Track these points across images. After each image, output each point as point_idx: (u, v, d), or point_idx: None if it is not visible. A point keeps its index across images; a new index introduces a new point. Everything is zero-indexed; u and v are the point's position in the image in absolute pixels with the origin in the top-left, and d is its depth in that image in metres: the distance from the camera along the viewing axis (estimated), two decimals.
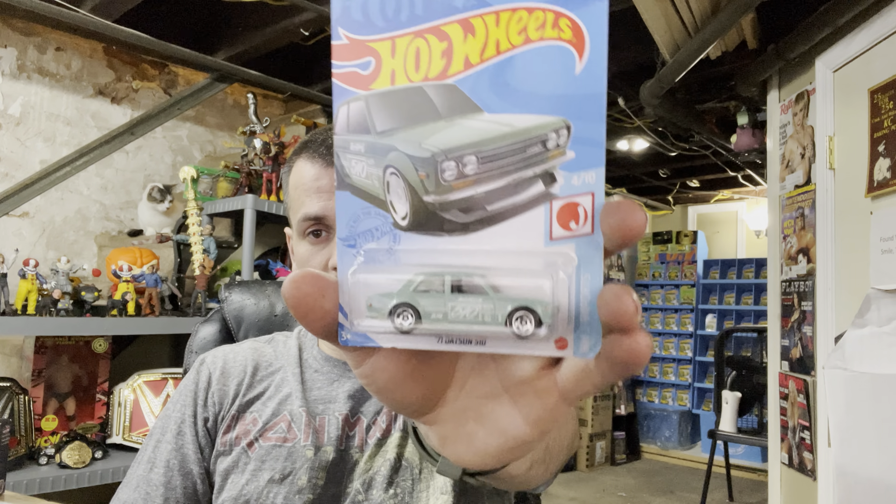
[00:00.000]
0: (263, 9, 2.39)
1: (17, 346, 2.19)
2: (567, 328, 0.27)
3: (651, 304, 5.78)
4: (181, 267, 2.51)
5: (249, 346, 0.90)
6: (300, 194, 0.79)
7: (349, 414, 0.80)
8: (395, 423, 0.79)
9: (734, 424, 3.69)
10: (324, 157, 0.78)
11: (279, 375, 0.84)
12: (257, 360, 0.87)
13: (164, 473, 0.79)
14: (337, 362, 0.85)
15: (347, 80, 0.29)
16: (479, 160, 0.28)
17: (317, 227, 0.77)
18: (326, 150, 0.78)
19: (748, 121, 2.93)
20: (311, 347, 0.88)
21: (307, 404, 0.80)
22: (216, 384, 0.84)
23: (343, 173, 0.29)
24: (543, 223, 0.27)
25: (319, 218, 0.76)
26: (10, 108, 2.31)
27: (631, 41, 2.69)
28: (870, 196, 1.85)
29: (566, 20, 0.26)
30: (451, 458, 0.34)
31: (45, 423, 1.96)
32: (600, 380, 0.28)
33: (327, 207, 0.76)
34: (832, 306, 2.03)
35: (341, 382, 0.83)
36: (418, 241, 0.28)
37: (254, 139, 2.40)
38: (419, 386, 0.32)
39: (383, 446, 0.77)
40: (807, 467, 2.16)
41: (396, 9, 0.28)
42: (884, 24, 1.82)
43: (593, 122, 0.27)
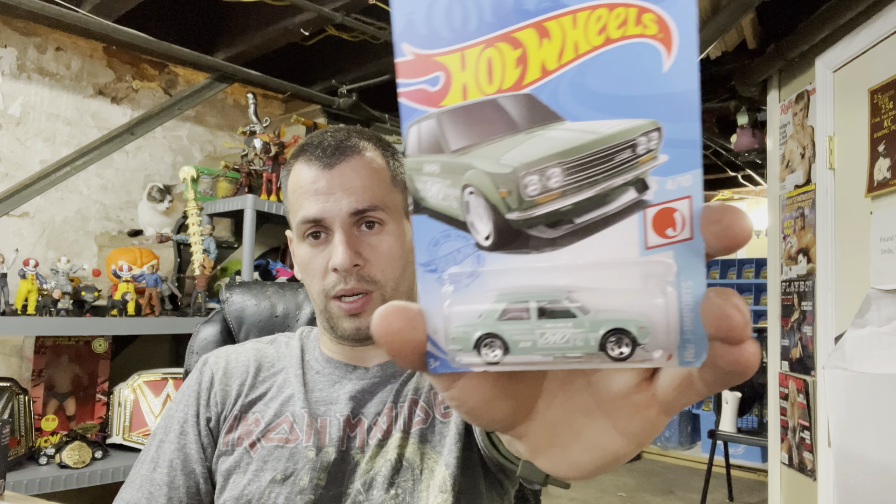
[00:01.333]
0: (263, 9, 2.39)
1: (17, 346, 2.19)
2: (669, 340, 0.26)
3: None
4: (181, 267, 2.51)
5: (252, 346, 0.90)
6: (298, 197, 0.79)
7: (350, 415, 0.80)
8: (395, 424, 0.79)
9: (734, 424, 3.69)
10: (320, 159, 0.78)
11: (281, 376, 0.85)
12: (260, 360, 0.87)
13: (168, 473, 0.79)
14: (338, 364, 0.85)
15: (416, 99, 0.27)
16: (563, 172, 0.26)
17: (315, 230, 0.78)
18: (323, 153, 0.79)
19: (748, 121, 2.93)
20: (313, 349, 0.88)
21: (309, 405, 0.80)
22: (219, 384, 0.84)
23: (418, 197, 0.28)
24: (638, 232, 0.26)
25: (317, 220, 0.77)
26: (10, 108, 2.31)
27: None
28: (870, 196, 1.85)
29: (651, 15, 0.25)
30: (546, 469, 0.32)
31: (45, 423, 1.96)
32: (704, 389, 0.27)
33: (325, 210, 0.77)
34: (832, 306, 2.03)
35: (342, 384, 0.83)
36: (504, 261, 0.27)
37: (254, 139, 2.40)
38: (508, 403, 0.31)
39: (384, 447, 0.78)
40: (807, 467, 2.17)
41: (464, 18, 0.27)
42: (884, 24, 1.82)
43: (687, 122, 0.25)
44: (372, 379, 0.83)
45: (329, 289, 0.78)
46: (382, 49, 2.76)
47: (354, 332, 0.79)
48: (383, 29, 2.48)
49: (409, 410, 0.80)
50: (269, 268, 2.47)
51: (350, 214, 0.76)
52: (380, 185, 0.79)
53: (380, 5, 2.22)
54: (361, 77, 2.93)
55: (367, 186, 0.77)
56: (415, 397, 0.81)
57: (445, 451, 0.76)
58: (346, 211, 0.76)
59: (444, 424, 0.79)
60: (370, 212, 0.77)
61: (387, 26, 2.48)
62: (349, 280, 0.76)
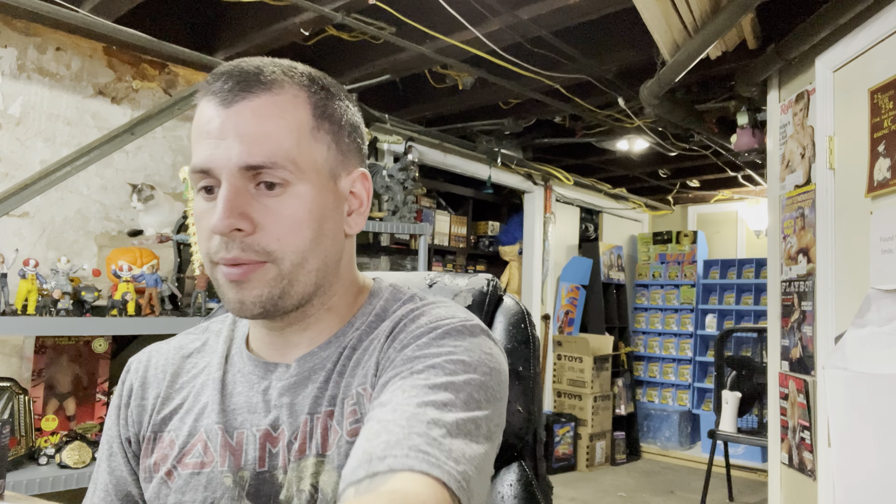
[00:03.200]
0: (263, 9, 2.39)
1: (17, 346, 2.19)
2: None
3: (651, 304, 5.78)
4: (181, 267, 2.51)
5: (177, 342, 0.77)
6: (193, 140, 0.64)
7: (270, 428, 0.66)
8: (309, 442, 0.64)
9: (734, 424, 3.69)
10: (219, 93, 0.62)
11: (200, 379, 0.72)
12: (179, 363, 0.74)
13: (104, 499, 0.72)
14: (259, 362, 0.70)
15: None
16: None
17: (206, 182, 0.63)
18: (224, 85, 0.62)
19: (748, 121, 2.93)
20: (240, 342, 0.74)
21: (224, 417, 0.67)
22: (135, 399, 0.73)
23: None
24: None
25: (205, 170, 0.62)
26: (10, 108, 2.31)
27: (631, 41, 2.69)
28: (870, 196, 1.85)
29: None
30: None
31: (45, 423, 1.96)
32: None
33: (212, 158, 0.61)
34: (832, 306, 2.03)
35: (262, 385, 0.68)
36: None
37: None
38: None
39: (297, 471, 0.63)
40: (807, 467, 2.16)
41: None
42: (884, 24, 1.82)
43: None
44: (292, 378, 0.67)
45: (212, 252, 0.63)
46: (382, 49, 2.76)
47: (238, 305, 0.63)
48: (383, 29, 2.48)
49: (324, 426, 0.64)
50: None
51: (240, 168, 0.60)
52: (289, 132, 0.62)
53: (380, 5, 2.22)
54: (361, 77, 2.93)
55: (268, 134, 0.61)
56: (330, 408, 0.64)
57: None
58: (235, 163, 0.60)
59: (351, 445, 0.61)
60: (267, 168, 0.60)
61: (387, 26, 2.48)
62: (231, 247, 0.61)
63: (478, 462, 0.53)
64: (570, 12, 2.28)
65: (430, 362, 0.59)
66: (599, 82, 2.97)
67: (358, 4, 2.26)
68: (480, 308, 1.02)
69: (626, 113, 3.26)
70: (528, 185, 4.80)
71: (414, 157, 3.59)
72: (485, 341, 0.64)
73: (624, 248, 5.87)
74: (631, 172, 5.07)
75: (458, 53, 2.64)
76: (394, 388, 0.58)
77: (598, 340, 4.96)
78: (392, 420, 0.53)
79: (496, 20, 2.34)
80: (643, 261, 5.92)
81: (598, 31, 2.71)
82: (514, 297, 1.05)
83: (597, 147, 4.25)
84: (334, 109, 0.67)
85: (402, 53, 2.70)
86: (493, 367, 0.62)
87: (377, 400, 0.58)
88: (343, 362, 0.67)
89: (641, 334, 5.79)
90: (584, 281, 5.29)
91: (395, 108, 3.51)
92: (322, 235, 0.65)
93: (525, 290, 5.01)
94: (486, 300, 1.01)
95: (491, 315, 1.05)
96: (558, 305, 5.08)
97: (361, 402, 0.63)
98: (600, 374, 4.86)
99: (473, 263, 5.29)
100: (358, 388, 0.64)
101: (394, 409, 0.54)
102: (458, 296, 1.03)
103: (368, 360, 0.65)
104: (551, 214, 4.98)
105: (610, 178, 5.38)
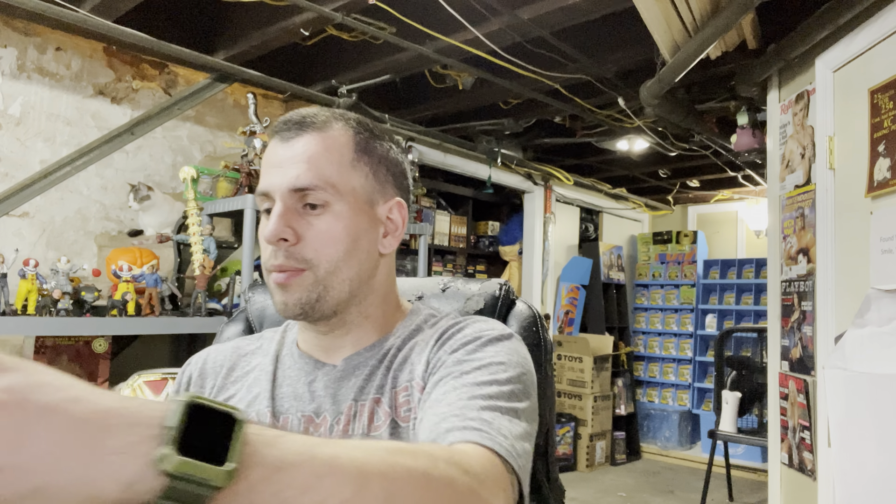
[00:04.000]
0: (263, 9, 2.39)
1: (17, 346, 2.19)
2: None
3: (651, 304, 5.78)
4: (181, 267, 2.51)
5: (234, 344, 0.88)
6: (262, 170, 0.79)
7: (313, 414, 0.76)
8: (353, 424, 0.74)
9: (734, 424, 3.69)
10: (281, 132, 0.77)
11: (253, 374, 0.83)
12: (235, 360, 0.85)
13: None
14: (309, 359, 0.81)
15: None
16: None
17: (267, 204, 0.76)
18: (284, 126, 0.77)
19: (748, 121, 2.93)
20: (291, 343, 0.85)
21: (273, 403, 0.78)
22: (193, 387, 0.83)
23: None
24: None
25: (265, 193, 0.76)
26: (10, 108, 2.31)
27: (631, 41, 2.69)
28: (870, 196, 1.85)
29: None
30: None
31: None
32: None
33: (271, 183, 0.75)
34: (832, 306, 2.03)
35: (309, 378, 0.79)
36: None
37: (254, 139, 2.40)
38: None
39: None
40: (807, 467, 2.16)
41: None
42: (884, 24, 1.82)
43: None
44: (337, 374, 0.79)
45: (266, 261, 0.76)
46: (382, 49, 2.76)
47: (282, 307, 0.75)
48: (383, 29, 2.48)
49: (371, 411, 0.75)
50: None
51: (289, 190, 0.74)
52: (330, 162, 0.75)
53: (380, 5, 2.22)
54: (361, 77, 2.93)
55: (314, 163, 0.74)
56: (377, 396, 0.76)
57: None
58: (286, 186, 0.74)
59: (406, 429, 0.73)
60: (310, 190, 0.73)
61: (387, 26, 2.48)
62: (278, 255, 0.74)
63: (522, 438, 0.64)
64: (570, 12, 2.28)
65: (476, 364, 0.70)
66: (599, 82, 2.97)
67: (358, 4, 2.26)
68: (493, 312, 1.02)
69: (626, 113, 3.26)
70: (528, 185, 4.80)
71: (414, 157, 3.58)
72: (520, 346, 0.76)
73: (624, 248, 5.87)
74: (631, 172, 5.07)
75: (458, 53, 2.64)
76: (447, 386, 0.68)
77: (598, 340, 4.95)
78: (449, 412, 0.64)
79: (496, 20, 2.34)
80: (643, 261, 5.92)
81: (598, 31, 2.71)
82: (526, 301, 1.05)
83: (597, 147, 4.25)
84: (374, 147, 0.79)
85: (402, 53, 2.70)
86: (528, 369, 0.74)
87: (431, 396, 0.69)
88: (389, 360, 0.78)
89: (641, 334, 5.79)
90: (584, 281, 5.29)
91: (395, 108, 3.51)
92: (356, 250, 0.76)
93: (525, 290, 5.00)
94: (498, 304, 1.02)
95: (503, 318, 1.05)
96: (558, 305, 5.08)
97: (412, 392, 0.74)
98: (600, 374, 4.86)
99: (473, 263, 5.29)
100: (408, 381, 0.75)
101: (449, 403, 0.65)
102: (470, 300, 1.03)
103: (417, 358, 0.76)
104: (551, 214, 4.98)
105: (610, 178, 5.38)
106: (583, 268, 5.27)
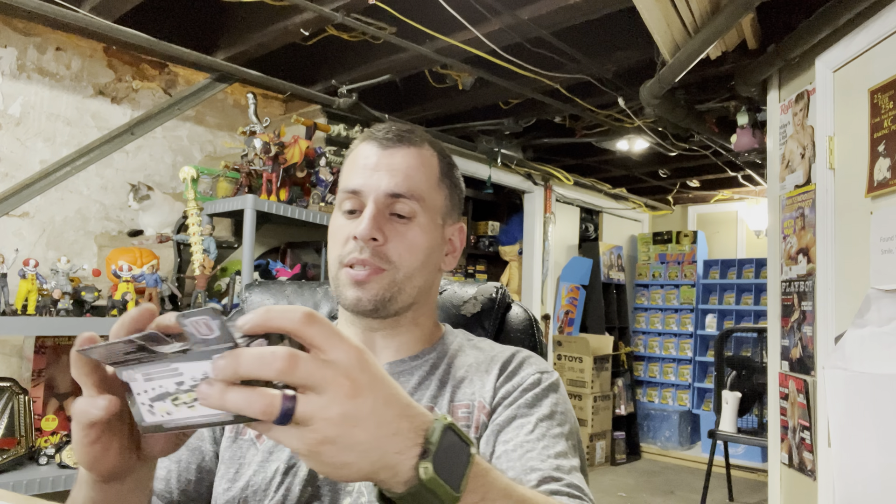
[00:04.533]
0: (263, 9, 2.39)
1: (17, 346, 2.19)
2: None
3: (651, 304, 5.78)
4: (181, 267, 2.51)
5: None
6: (349, 170, 0.83)
7: None
8: None
9: (734, 424, 3.69)
10: (379, 140, 0.82)
11: None
12: None
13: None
14: None
15: None
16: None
17: (352, 202, 0.81)
18: (384, 135, 0.83)
19: (748, 121, 2.93)
20: None
21: None
22: None
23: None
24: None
25: (356, 191, 0.80)
26: (10, 108, 2.31)
27: (631, 41, 2.69)
28: (870, 196, 1.85)
29: None
30: None
31: (45, 423, 1.96)
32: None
33: (366, 183, 0.80)
34: (832, 306, 2.03)
35: None
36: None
37: (254, 139, 2.40)
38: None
39: None
40: (807, 467, 2.16)
41: None
42: (884, 24, 1.82)
43: None
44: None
45: (344, 256, 0.80)
46: (382, 49, 2.76)
47: (355, 301, 0.79)
48: (383, 29, 2.48)
49: None
50: (268, 268, 2.47)
51: (386, 194, 0.79)
52: (423, 178, 0.82)
53: (380, 5, 2.22)
54: (361, 77, 2.93)
55: (410, 175, 0.81)
56: (430, 405, 0.81)
57: None
58: (384, 190, 0.79)
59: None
60: (405, 198, 0.80)
61: (387, 26, 2.48)
62: (364, 251, 0.78)
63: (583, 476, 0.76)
64: (570, 12, 2.28)
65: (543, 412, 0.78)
66: (599, 82, 2.97)
67: (358, 4, 2.26)
68: (489, 315, 1.02)
69: (626, 113, 3.26)
70: (528, 185, 4.80)
71: None
72: (565, 392, 0.85)
73: (624, 248, 5.87)
74: (631, 172, 5.07)
75: (458, 53, 2.64)
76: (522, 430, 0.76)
77: (598, 340, 4.95)
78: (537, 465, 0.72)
79: (496, 20, 2.34)
80: (643, 261, 5.92)
81: (598, 31, 2.71)
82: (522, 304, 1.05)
83: (597, 147, 4.25)
84: (452, 173, 0.88)
85: (402, 53, 2.70)
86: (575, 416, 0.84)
87: (507, 430, 0.76)
88: (443, 374, 0.84)
89: (641, 334, 5.79)
90: (584, 281, 5.29)
91: (395, 108, 3.51)
92: (428, 262, 0.83)
93: (525, 290, 5.00)
94: (494, 307, 1.02)
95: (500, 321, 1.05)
96: (558, 305, 5.08)
97: (473, 411, 0.80)
98: (600, 374, 4.86)
99: (473, 263, 5.29)
100: (469, 399, 0.81)
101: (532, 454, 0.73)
102: (467, 303, 1.03)
103: (479, 382, 0.82)
104: (551, 214, 4.98)
105: (610, 178, 5.38)
106: (583, 268, 5.27)
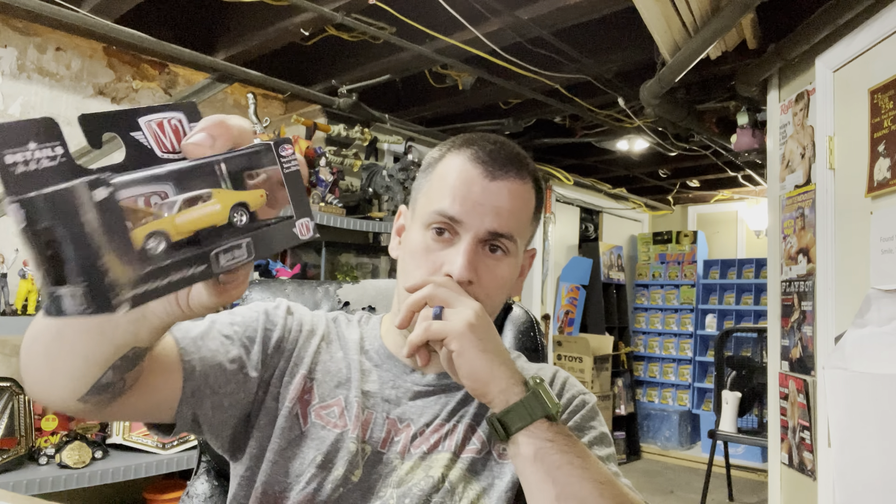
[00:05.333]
0: (263, 9, 2.38)
1: (17, 346, 2.19)
2: None
3: (651, 304, 5.78)
4: None
5: (322, 316, 0.89)
6: (446, 186, 0.78)
7: (397, 419, 0.79)
8: (445, 442, 0.78)
9: (734, 424, 3.69)
10: (487, 164, 0.78)
11: (340, 354, 0.84)
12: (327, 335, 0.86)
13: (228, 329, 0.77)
14: (397, 361, 0.84)
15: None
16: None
17: (445, 226, 0.77)
18: (492, 158, 0.78)
19: (748, 121, 2.93)
20: (373, 339, 0.87)
21: (361, 396, 0.79)
22: (302, 338, 0.83)
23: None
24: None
25: (454, 219, 0.76)
26: (10, 108, 2.31)
27: (631, 41, 2.69)
28: (870, 196, 1.85)
29: None
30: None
31: (45, 423, 1.96)
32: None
33: (468, 216, 0.76)
34: (832, 306, 2.03)
35: (396, 383, 0.82)
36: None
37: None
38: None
39: (428, 461, 0.77)
40: (807, 467, 2.16)
41: None
42: (884, 24, 1.82)
43: None
44: (426, 386, 0.82)
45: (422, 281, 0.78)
46: (382, 49, 2.76)
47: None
48: (383, 29, 2.48)
49: (465, 434, 0.79)
50: (268, 268, 2.47)
51: (487, 232, 0.76)
52: (524, 217, 0.80)
53: (380, 5, 2.22)
54: (361, 77, 2.93)
55: (513, 214, 0.78)
56: (472, 423, 0.80)
57: (494, 494, 0.76)
58: (486, 228, 0.76)
59: (500, 466, 0.78)
60: (503, 238, 0.77)
61: (387, 26, 2.48)
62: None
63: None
64: (570, 12, 2.28)
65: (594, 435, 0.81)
66: (599, 82, 2.97)
67: (358, 4, 2.26)
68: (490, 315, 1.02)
69: (626, 113, 3.26)
70: None
71: (414, 157, 3.58)
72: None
73: (624, 248, 5.87)
74: (631, 172, 5.07)
75: (458, 53, 2.64)
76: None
77: (598, 340, 4.95)
78: None
79: (496, 20, 2.34)
80: (643, 261, 5.92)
81: (598, 31, 2.71)
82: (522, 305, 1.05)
83: (597, 147, 4.25)
84: (541, 202, 0.85)
85: (402, 53, 2.70)
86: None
87: None
88: None
89: (641, 334, 5.79)
90: (584, 281, 5.29)
91: (395, 108, 3.51)
92: (508, 293, 0.82)
93: (525, 290, 5.00)
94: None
95: (500, 322, 1.05)
96: (558, 305, 5.08)
97: None
98: (600, 374, 4.86)
99: None
100: None
101: None
102: None
103: None
104: (551, 214, 4.98)
105: (610, 178, 5.38)
106: (583, 268, 5.27)
